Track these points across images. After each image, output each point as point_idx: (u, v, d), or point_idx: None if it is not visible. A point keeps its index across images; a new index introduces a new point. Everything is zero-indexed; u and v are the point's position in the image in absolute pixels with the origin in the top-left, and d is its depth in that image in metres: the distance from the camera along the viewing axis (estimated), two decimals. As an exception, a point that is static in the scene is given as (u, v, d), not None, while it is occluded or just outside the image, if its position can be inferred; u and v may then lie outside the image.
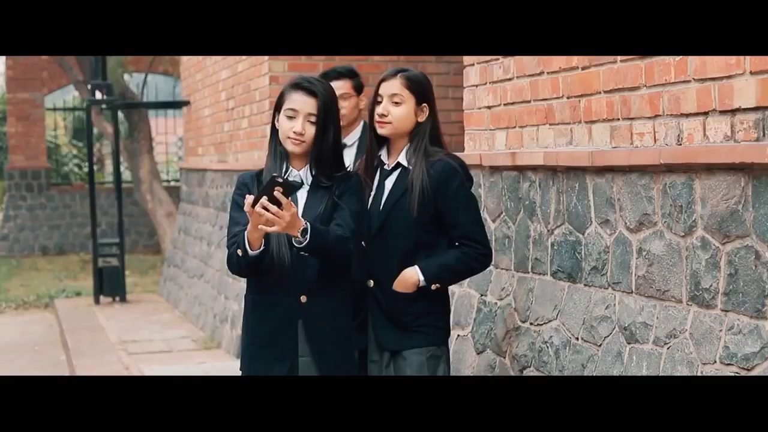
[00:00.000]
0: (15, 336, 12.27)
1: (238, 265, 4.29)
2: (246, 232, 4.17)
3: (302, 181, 4.36)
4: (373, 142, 4.70)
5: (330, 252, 4.24)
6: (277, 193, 3.98)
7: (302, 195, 4.36)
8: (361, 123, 5.86)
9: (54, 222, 22.75)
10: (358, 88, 5.92)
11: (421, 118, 4.63)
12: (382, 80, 4.66)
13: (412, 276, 4.56)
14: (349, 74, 5.94)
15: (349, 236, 4.26)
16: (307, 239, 4.10)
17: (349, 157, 5.44)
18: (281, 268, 4.23)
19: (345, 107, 5.68)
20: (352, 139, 5.86)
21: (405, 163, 4.62)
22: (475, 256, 4.66)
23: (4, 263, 20.38)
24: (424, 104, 4.63)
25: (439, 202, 4.55)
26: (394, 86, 4.61)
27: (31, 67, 22.79)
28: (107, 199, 21.10)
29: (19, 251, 22.18)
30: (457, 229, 4.61)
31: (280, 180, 4.05)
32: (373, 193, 4.64)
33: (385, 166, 4.67)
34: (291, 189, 4.10)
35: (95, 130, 16.76)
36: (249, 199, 4.04)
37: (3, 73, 24.94)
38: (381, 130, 4.60)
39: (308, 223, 4.11)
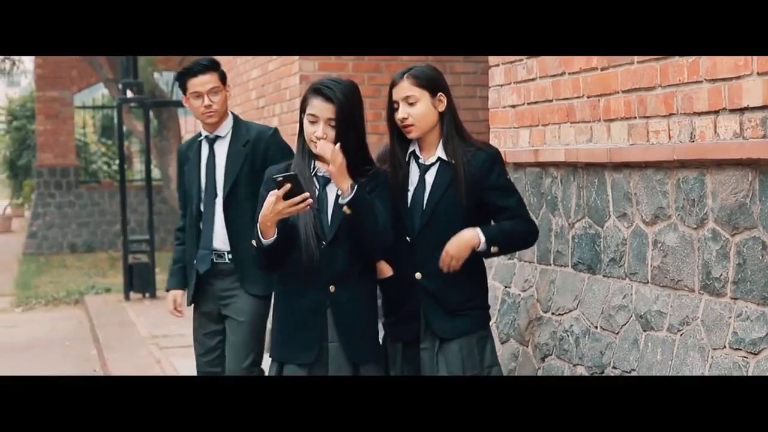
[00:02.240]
0: (45, 332, 12.38)
1: (257, 257, 4.51)
2: (258, 223, 4.36)
3: (330, 178, 4.50)
4: (396, 144, 4.67)
5: (372, 220, 4.40)
6: (285, 188, 4.22)
7: (332, 192, 4.51)
8: (230, 115, 5.82)
9: (82, 220, 22.81)
10: (224, 80, 5.75)
11: (442, 108, 4.60)
12: (392, 86, 4.64)
13: (472, 237, 4.54)
14: (215, 67, 5.71)
15: (390, 228, 4.48)
16: (351, 198, 4.34)
17: (223, 149, 5.75)
18: (310, 261, 4.41)
19: (217, 102, 5.66)
20: (224, 130, 5.78)
21: (445, 157, 4.60)
22: (528, 230, 4.74)
23: (33, 261, 20.47)
24: (440, 93, 4.59)
25: (484, 190, 4.58)
26: (404, 88, 4.58)
27: (61, 66, 22.85)
28: (136, 197, 21.17)
29: (48, 249, 22.25)
30: (507, 211, 4.63)
31: (280, 178, 4.24)
32: (413, 189, 4.63)
33: (421, 161, 4.66)
34: (292, 178, 4.26)
35: (124, 128, 16.91)
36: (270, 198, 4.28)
37: (32, 71, 25.05)
38: (410, 135, 4.60)
39: (357, 186, 4.37)
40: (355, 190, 4.36)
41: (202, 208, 5.75)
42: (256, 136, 5.76)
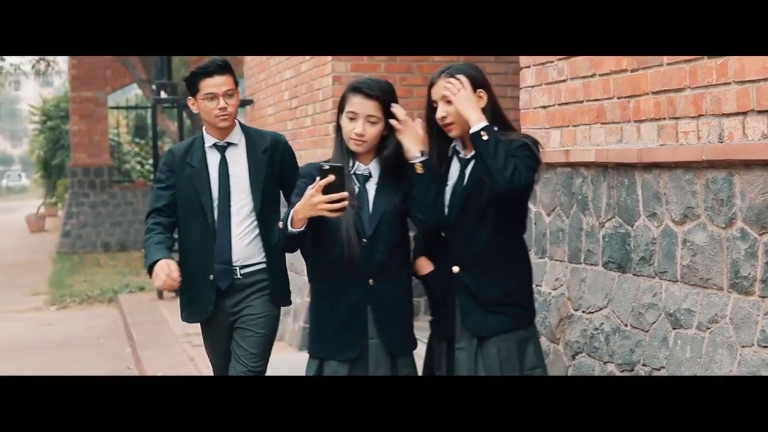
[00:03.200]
0: (80, 330, 12.47)
1: (277, 237, 4.60)
2: (293, 210, 4.44)
3: (370, 174, 4.63)
4: (437, 142, 4.64)
5: (427, 201, 4.52)
6: (329, 179, 4.28)
7: (371, 189, 4.61)
8: (236, 121, 5.43)
9: (116, 219, 22.90)
10: (237, 83, 5.39)
11: (482, 104, 4.51)
12: (431, 86, 4.62)
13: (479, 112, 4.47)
14: (230, 68, 5.34)
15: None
16: (424, 161, 4.48)
17: (239, 158, 5.36)
18: (351, 259, 4.50)
19: (232, 105, 5.30)
20: (236, 137, 5.42)
21: None
22: (505, 169, 4.37)
23: (66, 259, 20.58)
24: (479, 90, 4.52)
25: None
26: (442, 87, 4.54)
27: (95, 67, 22.96)
28: (168, 197, 21.29)
29: (82, 248, 22.34)
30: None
31: (327, 167, 4.31)
32: (453, 183, 4.59)
33: (461, 155, 4.61)
34: (338, 170, 4.34)
35: (158, 129, 16.98)
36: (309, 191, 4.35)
37: (67, 72, 25.21)
38: (451, 134, 4.56)
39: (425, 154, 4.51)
40: (425, 161, 4.50)
41: (215, 220, 5.31)
42: (272, 142, 5.43)
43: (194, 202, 5.33)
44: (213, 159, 5.37)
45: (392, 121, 4.54)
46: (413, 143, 4.51)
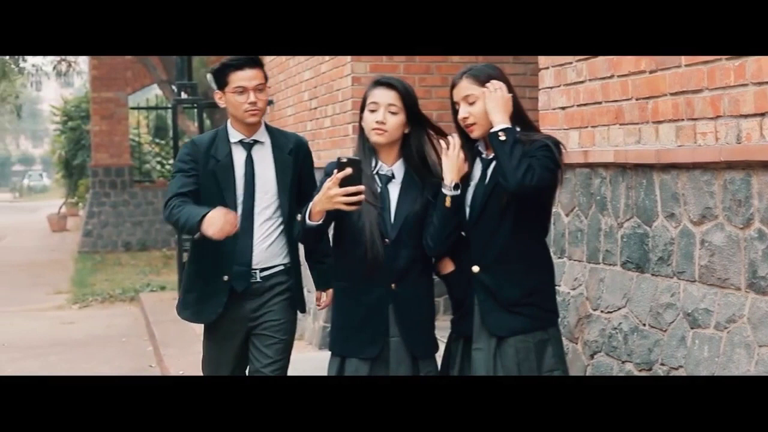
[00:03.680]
0: (102, 328, 12.56)
1: (297, 230, 4.66)
2: (311, 203, 4.50)
3: (393, 175, 4.67)
4: (462, 142, 4.58)
5: (447, 229, 4.55)
6: (346, 172, 4.33)
7: (394, 191, 4.66)
8: (262, 120, 5.27)
9: (136, 218, 23.03)
10: (267, 78, 5.23)
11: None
12: (452, 87, 4.61)
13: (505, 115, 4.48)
14: (261, 63, 5.19)
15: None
16: (455, 193, 4.49)
17: (265, 157, 5.20)
18: (375, 259, 4.55)
19: (262, 100, 5.14)
20: (263, 135, 5.28)
21: None
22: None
23: (88, 259, 20.70)
24: None
25: None
26: (463, 88, 4.55)
27: (116, 67, 23.10)
28: (189, 196, 21.37)
29: (103, 247, 22.49)
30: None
31: (345, 160, 4.37)
32: (475, 183, 4.59)
33: (483, 156, 4.61)
34: (355, 164, 4.39)
35: (178, 129, 17.07)
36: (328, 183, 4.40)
37: (87, 72, 25.32)
38: (473, 134, 4.55)
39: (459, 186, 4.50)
40: (459, 191, 4.51)
41: (239, 221, 5.01)
42: (296, 144, 5.29)
43: (216, 198, 5.06)
44: (239, 156, 5.18)
45: (442, 142, 4.55)
46: (451, 172, 4.50)
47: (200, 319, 5.29)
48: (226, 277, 5.13)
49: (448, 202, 4.50)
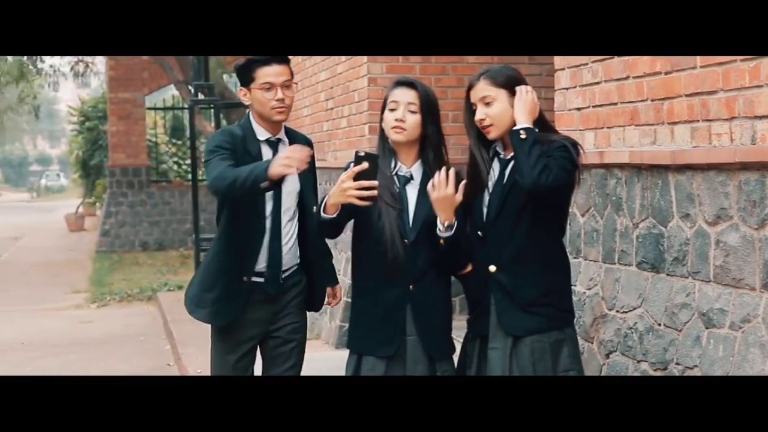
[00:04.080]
0: (120, 327, 12.63)
1: (317, 223, 4.66)
2: (326, 196, 4.53)
3: (411, 176, 4.70)
4: (477, 144, 4.62)
5: (454, 260, 4.62)
6: (363, 167, 4.35)
7: (412, 192, 4.69)
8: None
9: (153, 218, 23.10)
10: (292, 74, 5.12)
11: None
12: (469, 88, 4.61)
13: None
14: (288, 60, 5.05)
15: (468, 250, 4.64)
16: (450, 234, 4.50)
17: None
18: (395, 259, 4.58)
19: (289, 97, 5.01)
20: (283, 134, 5.15)
21: None
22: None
23: (106, 258, 20.78)
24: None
25: None
26: (480, 89, 4.54)
27: (133, 68, 23.17)
28: (205, 196, 21.29)
29: (120, 247, 22.56)
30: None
31: (362, 154, 4.40)
32: (493, 183, 4.59)
33: (501, 156, 4.61)
34: (372, 158, 4.41)
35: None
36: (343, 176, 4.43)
37: (105, 73, 25.41)
38: (490, 136, 4.56)
39: (456, 220, 4.49)
40: (453, 231, 4.52)
41: (269, 221, 5.02)
42: (306, 144, 5.15)
43: (248, 197, 4.91)
44: (267, 155, 5.02)
45: (430, 184, 4.51)
46: (444, 210, 4.50)
47: (217, 319, 5.13)
48: (245, 278, 5.03)
49: (443, 242, 4.55)
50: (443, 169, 4.46)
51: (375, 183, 4.39)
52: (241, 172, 4.66)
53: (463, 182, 4.51)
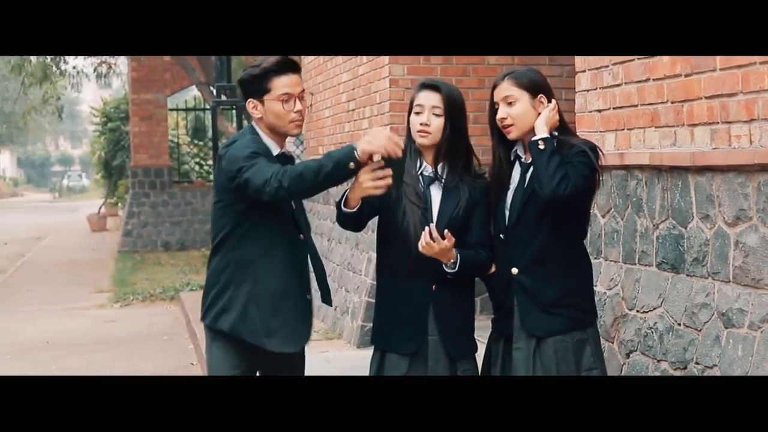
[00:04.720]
0: (143, 326, 12.72)
1: (336, 212, 4.70)
2: (347, 191, 4.55)
3: (436, 176, 4.71)
4: (499, 145, 4.68)
5: (472, 275, 4.69)
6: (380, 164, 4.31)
7: (436, 194, 4.71)
8: None
9: (176, 219, 23.17)
10: None
11: (542, 109, 4.56)
12: (494, 88, 4.65)
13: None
14: (299, 67, 4.75)
15: (490, 254, 4.70)
16: (456, 270, 4.57)
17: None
18: (419, 260, 4.56)
19: (304, 108, 4.69)
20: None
21: None
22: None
23: (128, 258, 20.88)
24: (540, 95, 4.56)
25: None
26: (504, 89, 4.58)
27: (155, 69, 23.28)
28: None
29: (142, 247, 22.66)
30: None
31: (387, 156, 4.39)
32: (513, 188, 4.64)
33: (522, 160, 4.65)
34: (393, 162, 4.35)
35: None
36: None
37: (127, 74, 25.51)
38: (510, 135, 4.60)
39: (459, 255, 4.56)
40: (457, 267, 4.59)
41: (305, 234, 4.80)
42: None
43: (285, 210, 4.69)
44: None
45: (420, 246, 4.54)
46: (442, 257, 4.57)
47: (296, 345, 4.79)
48: (308, 296, 4.78)
49: (449, 277, 4.65)
50: (426, 229, 4.52)
51: (389, 171, 4.31)
52: (317, 160, 4.32)
53: (448, 235, 4.52)
